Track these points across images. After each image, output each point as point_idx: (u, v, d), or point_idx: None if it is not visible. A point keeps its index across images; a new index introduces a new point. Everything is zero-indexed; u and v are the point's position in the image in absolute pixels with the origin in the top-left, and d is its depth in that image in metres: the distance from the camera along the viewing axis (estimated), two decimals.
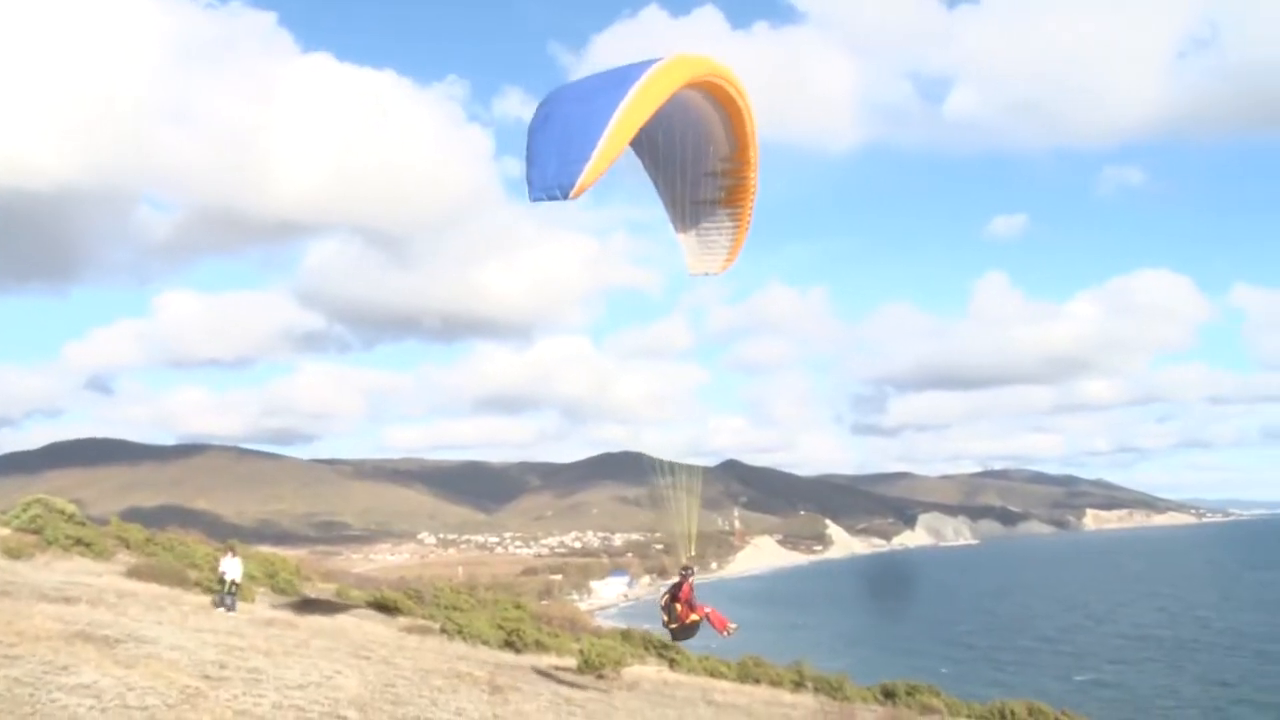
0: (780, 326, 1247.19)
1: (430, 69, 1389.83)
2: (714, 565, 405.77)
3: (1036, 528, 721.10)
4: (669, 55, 14.89)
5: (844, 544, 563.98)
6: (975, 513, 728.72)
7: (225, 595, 31.69)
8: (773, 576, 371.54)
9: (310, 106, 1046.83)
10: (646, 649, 48.29)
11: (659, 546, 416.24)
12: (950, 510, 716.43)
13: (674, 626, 19.89)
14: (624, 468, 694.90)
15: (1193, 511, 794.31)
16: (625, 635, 54.04)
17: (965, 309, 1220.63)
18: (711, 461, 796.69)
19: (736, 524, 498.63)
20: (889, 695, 43.63)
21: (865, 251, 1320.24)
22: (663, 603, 20.08)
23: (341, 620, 36.77)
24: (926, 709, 39.16)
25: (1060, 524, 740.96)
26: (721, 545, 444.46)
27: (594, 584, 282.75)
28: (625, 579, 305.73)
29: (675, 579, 20.40)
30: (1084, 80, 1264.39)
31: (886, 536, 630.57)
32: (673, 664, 44.81)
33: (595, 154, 13.00)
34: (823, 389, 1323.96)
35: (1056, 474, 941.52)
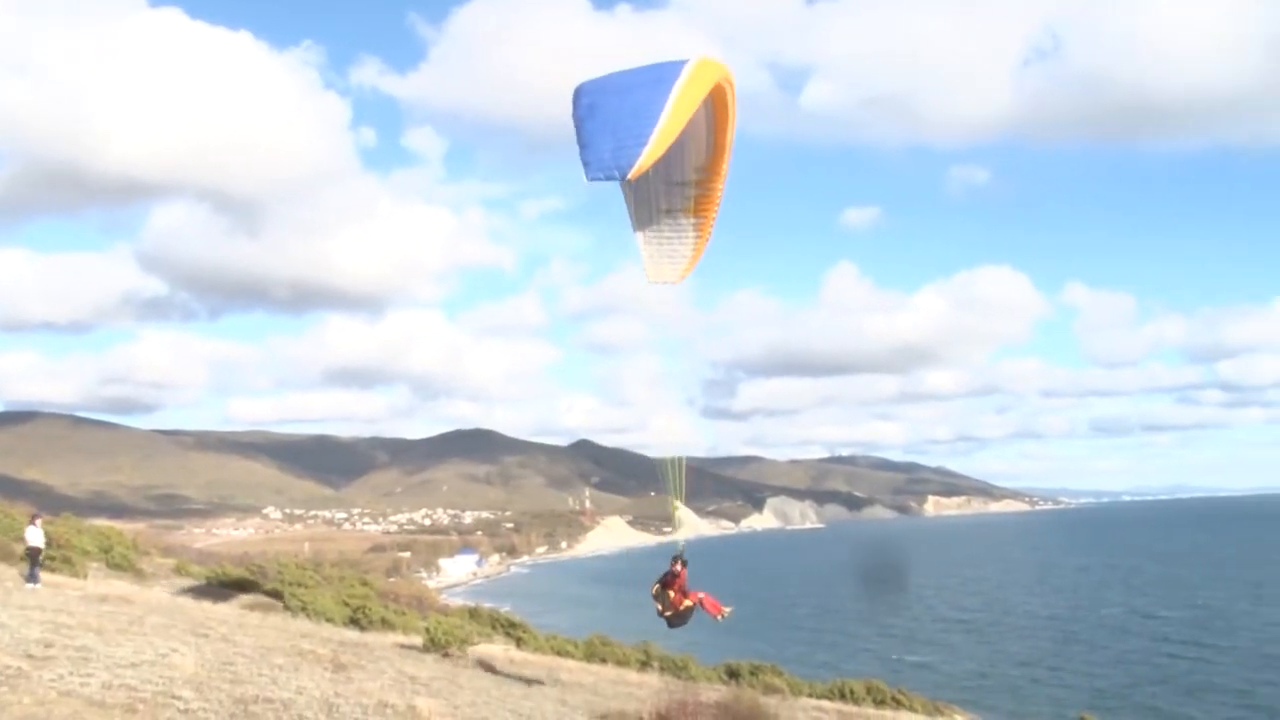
0: (633, 308, 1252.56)
1: (287, 33, 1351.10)
2: (564, 545, 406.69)
3: (880, 513, 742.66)
4: (696, 56, 15.46)
5: (693, 525, 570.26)
6: (822, 497, 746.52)
7: (33, 568, 30.29)
8: (622, 557, 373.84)
9: (158, 64, 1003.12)
10: (494, 628, 48.12)
11: (509, 525, 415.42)
12: (798, 494, 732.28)
13: (668, 614, 19.90)
14: (475, 445, 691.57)
15: (1026, 499, 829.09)
16: (473, 614, 53.74)
17: (816, 297, 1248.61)
18: (564, 441, 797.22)
19: (587, 504, 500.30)
20: (733, 675, 44.42)
21: (720, 237, 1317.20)
22: (654, 591, 20.06)
23: (179, 597, 35.59)
24: (769, 688, 39.89)
25: (903, 509, 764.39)
26: (572, 525, 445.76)
27: (443, 562, 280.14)
28: (475, 557, 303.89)
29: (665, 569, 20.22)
30: (936, 80, 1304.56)
31: (735, 519, 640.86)
32: (520, 643, 44.73)
33: (652, 139, 13.87)
34: (674, 371, 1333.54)
35: (900, 461, 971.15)
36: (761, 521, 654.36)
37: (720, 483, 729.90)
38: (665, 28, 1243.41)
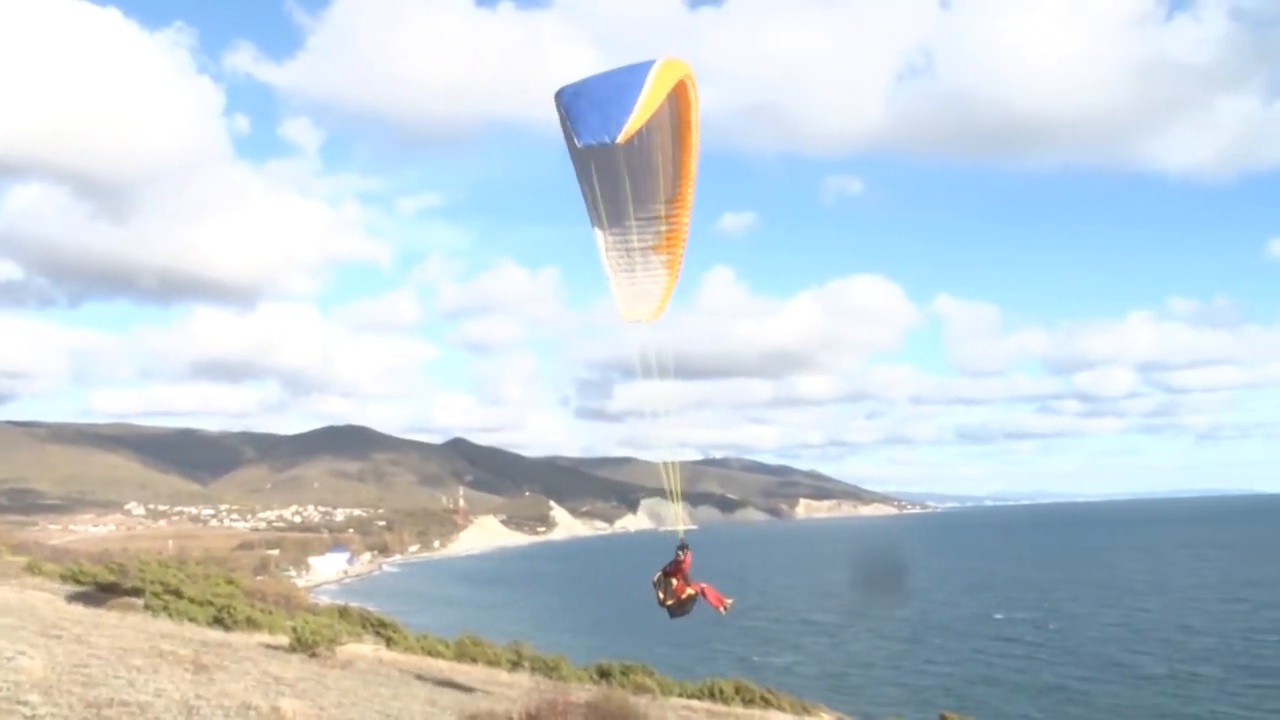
0: (510, 307, 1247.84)
1: (158, 13, 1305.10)
2: (437, 544, 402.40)
3: (753, 515, 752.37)
4: (662, 56, 16.26)
5: (567, 526, 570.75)
6: (695, 499, 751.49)
7: None
8: (495, 556, 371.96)
9: (18, 37, 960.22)
10: (364, 627, 47.36)
11: (382, 523, 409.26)
12: (672, 496, 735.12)
13: (670, 603, 19.54)
14: (348, 441, 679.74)
15: (895, 503, 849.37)
16: (343, 613, 52.81)
17: (692, 301, 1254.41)
18: (438, 439, 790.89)
19: (460, 503, 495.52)
20: (604, 675, 44.45)
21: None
22: (655, 579, 19.76)
23: (31, 596, 34.22)
24: (640, 688, 40.04)
25: (775, 512, 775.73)
26: (445, 524, 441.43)
27: (313, 560, 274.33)
28: (346, 555, 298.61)
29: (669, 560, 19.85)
30: (814, 91, 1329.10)
31: (609, 519, 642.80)
32: (390, 642, 44.10)
33: (636, 109, 15.00)
34: (550, 371, 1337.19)
35: (773, 464, 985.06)
36: (635, 522, 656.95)
37: (595, 483, 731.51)
38: (547, 27, 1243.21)
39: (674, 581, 19.33)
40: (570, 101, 15.77)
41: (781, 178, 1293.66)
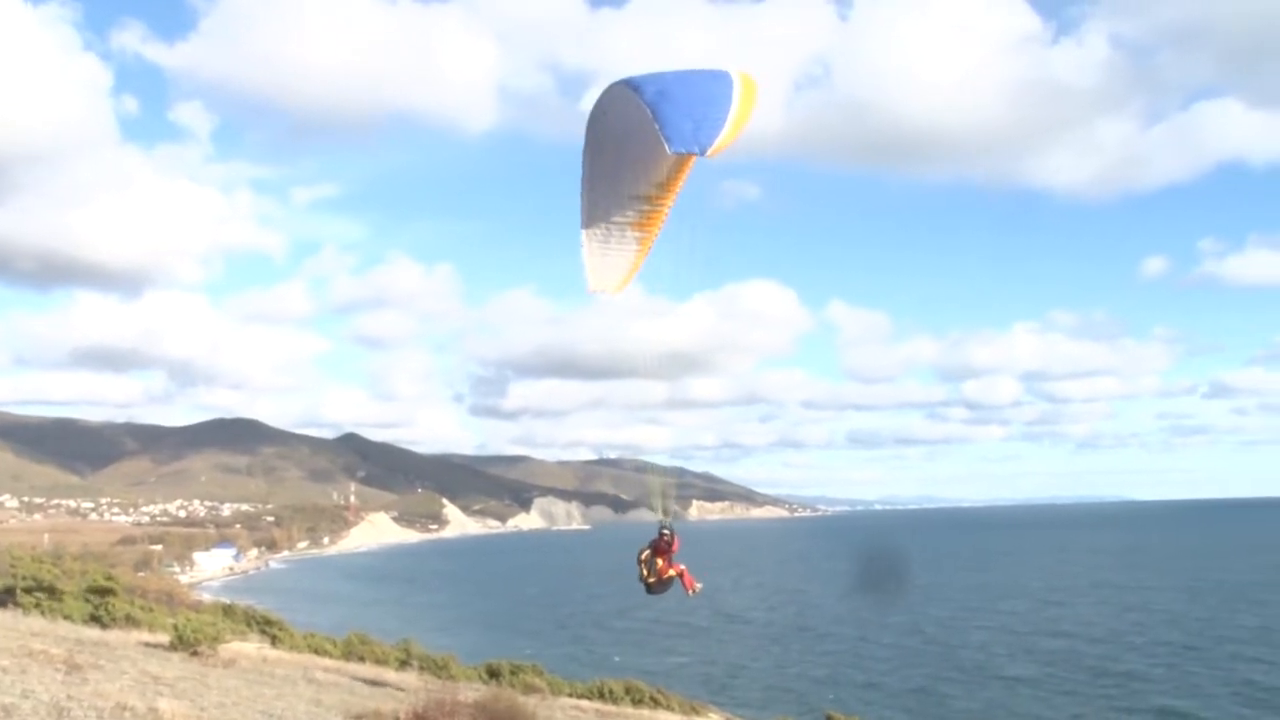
0: (404, 302, 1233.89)
1: None
2: (327, 540, 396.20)
3: (645, 515, 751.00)
4: (738, 68, 16.49)
5: (459, 523, 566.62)
6: (589, 499, 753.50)
7: None
8: (386, 554, 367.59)
9: None
10: (249, 625, 46.41)
11: (270, 519, 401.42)
12: (565, 495, 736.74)
13: (652, 580, 20.18)
14: (236, 435, 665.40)
15: (786, 506, 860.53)
16: (227, 610, 51.74)
17: (587, 300, 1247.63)
18: (330, 434, 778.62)
19: (352, 499, 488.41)
20: (493, 675, 44.21)
21: (494, 234, 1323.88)
22: (642, 557, 20.27)
23: None
24: (529, 688, 39.92)
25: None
26: (336, 520, 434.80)
27: (197, 556, 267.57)
28: (232, 551, 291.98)
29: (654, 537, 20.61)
30: None
31: (502, 518, 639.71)
32: (275, 641, 43.27)
33: (727, 125, 15.12)
34: (444, 367, 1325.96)
35: (666, 465, 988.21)
36: (528, 521, 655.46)
37: (489, 481, 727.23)
38: (448, 21, 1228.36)
39: (659, 562, 20.12)
40: (655, 101, 15.54)
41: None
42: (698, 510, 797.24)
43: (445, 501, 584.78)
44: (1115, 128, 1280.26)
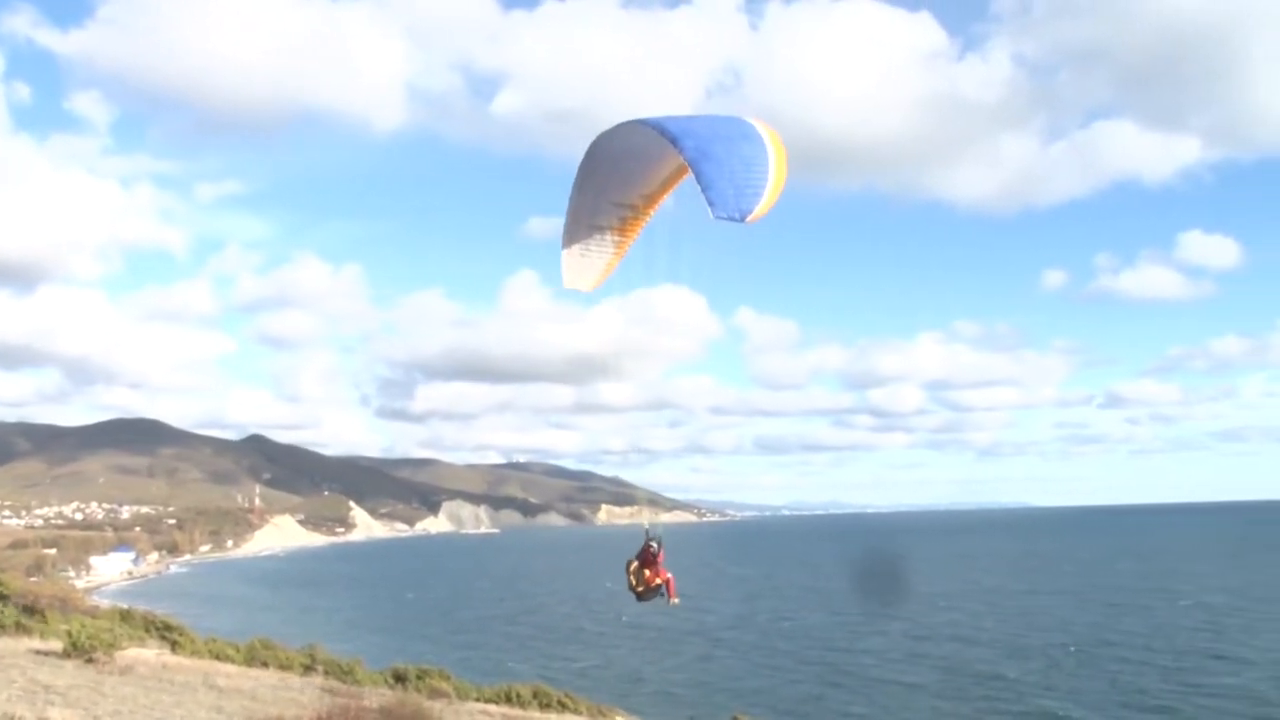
0: (311, 301, 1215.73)
1: None
2: (230, 544, 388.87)
3: (554, 519, 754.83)
4: (762, 124, 17.45)
5: (366, 526, 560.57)
6: (498, 502, 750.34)
7: None
8: (291, 557, 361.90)
9: None
10: (148, 630, 45.24)
11: (172, 521, 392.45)
12: (474, 499, 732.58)
13: (640, 589, 20.85)
14: (136, 435, 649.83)
15: (695, 510, 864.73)
16: (125, 616, 50.45)
17: (496, 303, 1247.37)
18: (234, 435, 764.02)
19: (256, 501, 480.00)
20: (400, 679, 43.75)
21: (402, 235, 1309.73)
22: (632, 567, 21.01)
23: None
24: (435, 692, 39.61)
25: (576, 517, 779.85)
26: (240, 523, 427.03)
27: (94, 560, 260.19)
28: (131, 555, 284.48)
29: (642, 546, 21.35)
30: (624, 101, 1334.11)
31: (410, 521, 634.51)
32: (175, 646, 42.27)
33: (766, 191, 16.18)
34: (351, 369, 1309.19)
35: (575, 469, 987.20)
36: (436, 525, 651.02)
37: (397, 484, 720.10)
38: (359, 18, 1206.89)
39: (647, 572, 20.93)
40: (697, 160, 16.31)
41: None
42: (606, 514, 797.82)
43: (352, 504, 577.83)
44: (1018, 144, 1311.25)
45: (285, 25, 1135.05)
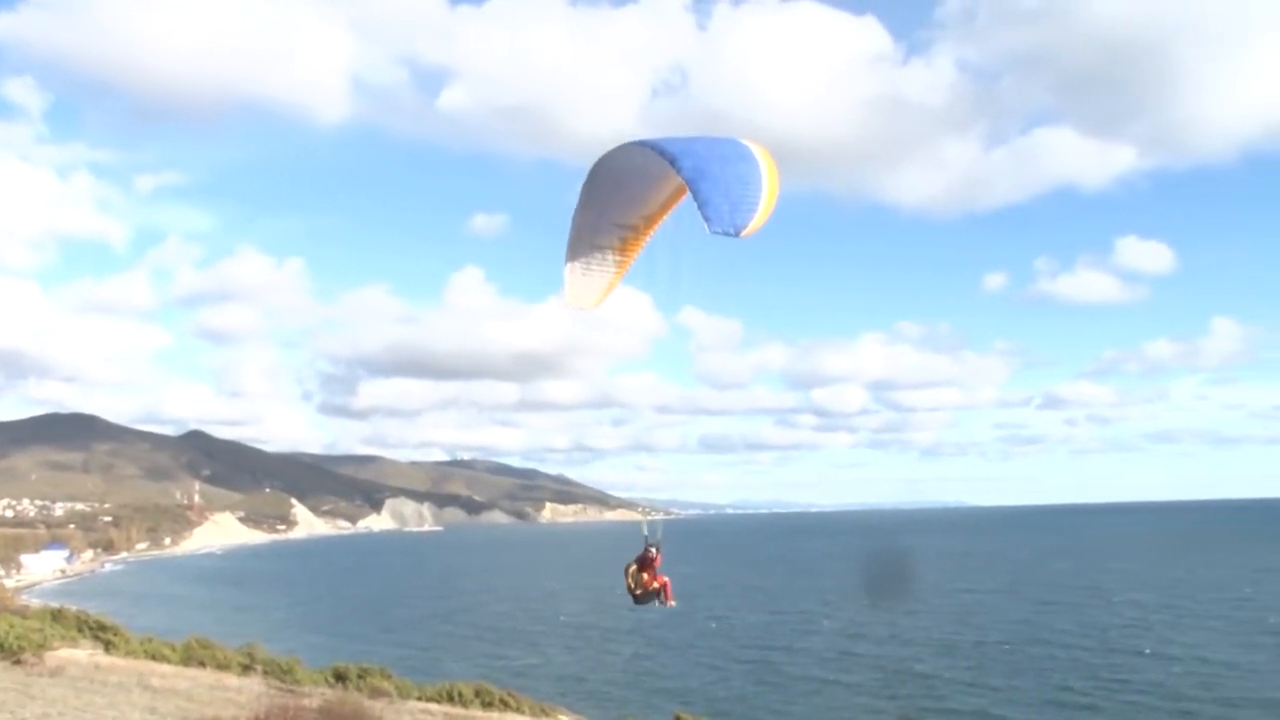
0: (252, 296, 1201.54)
1: None
2: (168, 541, 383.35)
3: (498, 517, 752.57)
4: (758, 146, 18.08)
5: (308, 524, 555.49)
6: (441, 500, 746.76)
7: None
8: (231, 555, 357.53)
9: None
10: (81, 630, 44.47)
11: (108, 519, 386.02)
12: (418, 496, 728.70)
13: (639, 592, 21.36)
14: (71, 431, 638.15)
15: (639, 509, 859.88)
16: (56, 615, 49.58)
17: (441, 299, 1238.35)
18: (173, 431, 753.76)
19: (195, 498, 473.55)
20: (340, 678, 43.37)
21: (346, 230, 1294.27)
22: (631, 571, 21.48)
23: None
24: (377, 691, 39.31)
25: (520, 515, 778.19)
26: (178, 520, 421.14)
27: (25, 558, 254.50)
28: (64, 553, 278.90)
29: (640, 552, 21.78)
30: (571, 98, 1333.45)
31: (352, 519, 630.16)
32: (109, 647, 41.59)
33: (759, 209, 16.97)
34: (294, 364, 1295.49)
35: (519, 467, 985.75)
36: (379, 522, 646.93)
37: (339, 481, 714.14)
38: (303, 9, 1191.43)
39: (644, 575, 21.46)
40: (695, 178, 17.06)
41: (535, 181, 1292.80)
42: (551, 512, 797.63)
43: (294, 501, 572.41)
44: (960, 148, 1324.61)
45: (227, 14, 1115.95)
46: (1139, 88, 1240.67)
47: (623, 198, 19.57)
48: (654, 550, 21.60)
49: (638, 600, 21.55)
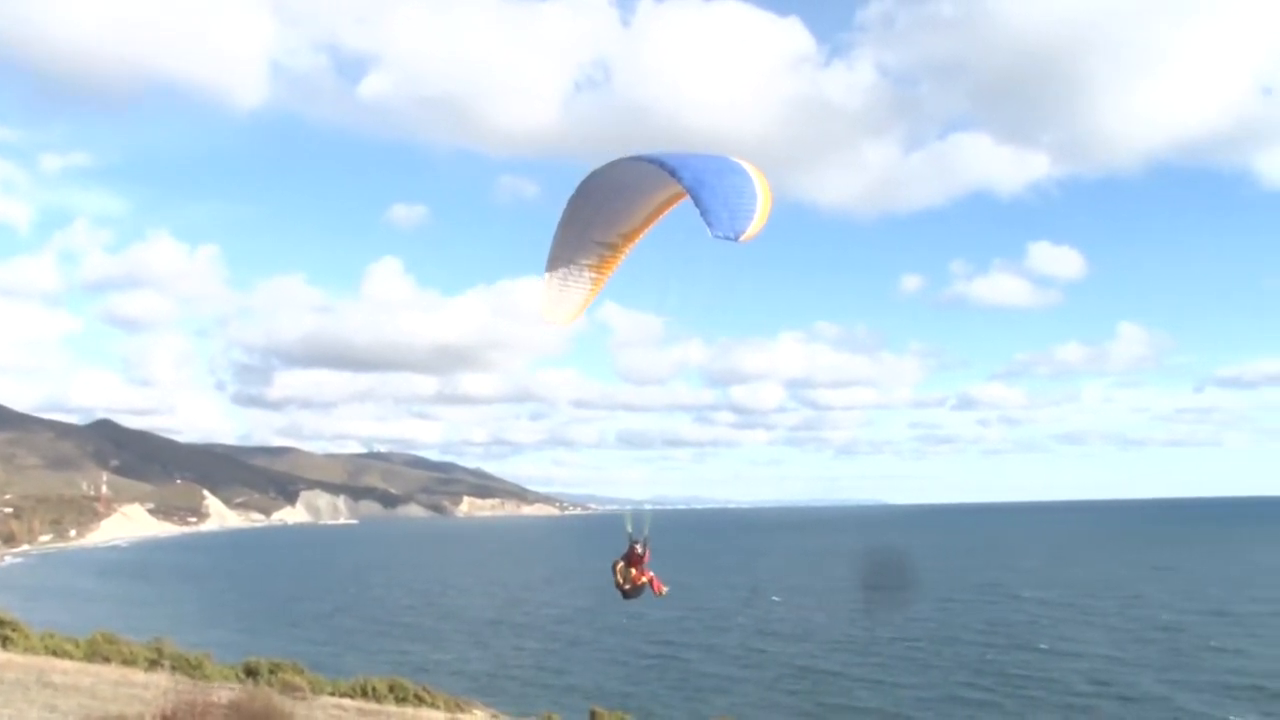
0: (164, 282, 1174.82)
1: None
2: (73, 533, 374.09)
3: (415, 511, 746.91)
4: (752, 166, 18.86)
5: (220, 516, 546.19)
6: (357, 493, 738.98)
7: None
8: (140, 547, 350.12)
9: None
10: None
11: (8, 510, 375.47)
12: (334, 489, 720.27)
13: (627, 587, 21.83)
14: None
15: (557, 504, 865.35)
16: None
17: (358, 290, 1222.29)
18: (79, 419, 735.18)
19: (103, 489, 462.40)
20: (251, 673, 43.12)
21: (263, 218, 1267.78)
22: (619, 566, 21.95)
23: None
24: (289, 687, 39.18)
25: (438, 509, 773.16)
26: (84, 512, 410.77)
27: None
28: None
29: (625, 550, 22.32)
30: (492, 90, 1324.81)
31: (266, 511, 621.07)
32: (6, 642, 40.88)
33: (756, 216, 17.96)
34: (207, 353, 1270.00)
35: (437, 460, 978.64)
36: (294, 515, 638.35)
37: (253, 473, 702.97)
38: None
39: (632, 571, 21.99)
40: (695, 187, 17.90)
41: (456, 173, 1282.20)
42: (468, 506, 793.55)
43: (206, 493, 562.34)
44: (879, 150, 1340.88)
45: None
46: (1052, 98, 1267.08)
47: (605, 216, 20.17)
48: (640, 546, 22.15)
49: (625, 595, 22.09)
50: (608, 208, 20.10)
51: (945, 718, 76.57)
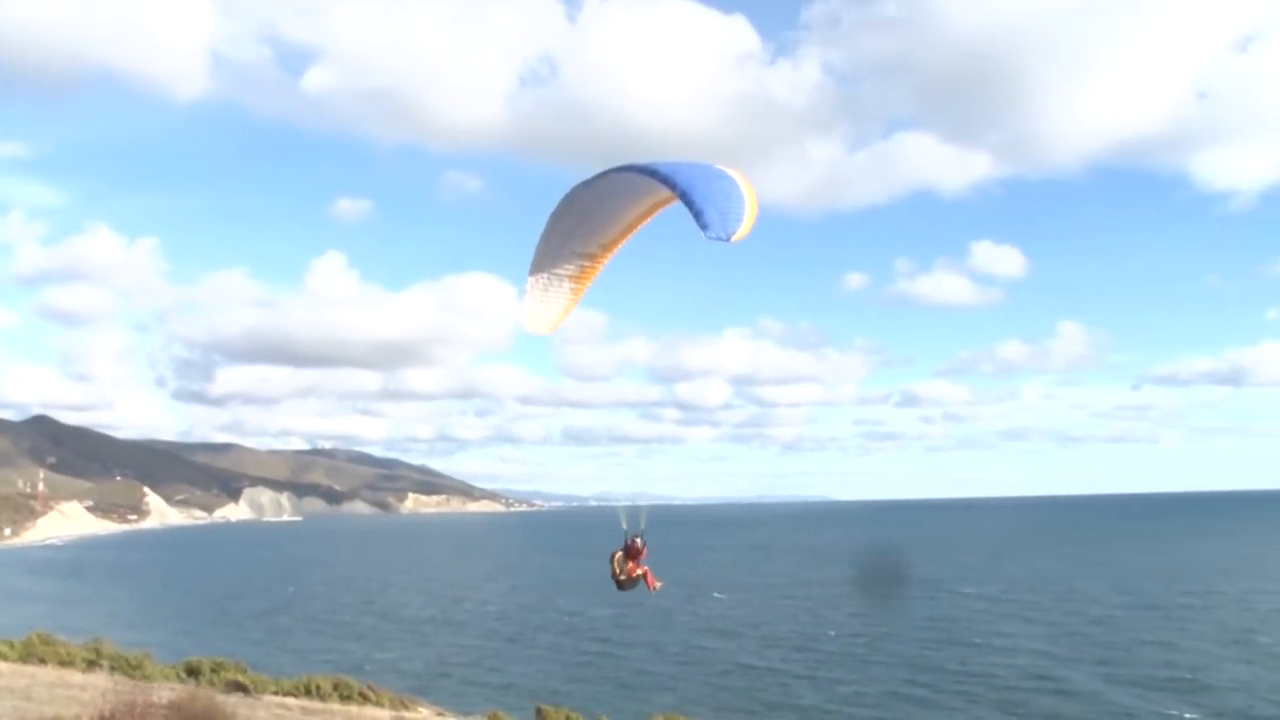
0: (102, 276, 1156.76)
1: None
2: (8, 532, 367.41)
3: (360, 507, 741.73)
4: (740, 174, 19.30)
5: (161, 513, 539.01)
6: (301, 490, 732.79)
7: None
8: (78, 545, 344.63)
9: None
10: None
11: None
12: (277, 486, 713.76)
13: (623, 579, 22.43)
14: None
15: (502, 500, 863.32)
16: None
17: (301, 285, 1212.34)
18: (14, 415, 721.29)
19: (40, 486, 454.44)
20: (193, 673, 43.05)
21: (204, 211, 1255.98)
22: (616, 558, 22.51)
23: None
24: (231, 685, 39.20)
25: (382, 505, 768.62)
26: (20, 509, 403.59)
27: None
28: None
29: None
30: (437, 85, 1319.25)
31: (208, 509, 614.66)
32: None
33: (745, 218, 18.48)
34: (146, 348, 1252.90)
35: (381, 457, 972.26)
36: (237, 512, 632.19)
37: (195, 469, 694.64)
38: None
39: (630, 564, 22.55)
40: (688, 190, 18.55)
41: (400, 168, 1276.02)
42: (413, 503, 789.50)
43: (147, 490, 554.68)
44: (824, 149, 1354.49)
45: None
46: (995, 99, 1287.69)
47: (588, 226, 20.68)
48: (638, 541, 22.65)
49: (620, 586, 22.67)
50: (590, 219, 20.65)
51: (885, 714, 77.73)
